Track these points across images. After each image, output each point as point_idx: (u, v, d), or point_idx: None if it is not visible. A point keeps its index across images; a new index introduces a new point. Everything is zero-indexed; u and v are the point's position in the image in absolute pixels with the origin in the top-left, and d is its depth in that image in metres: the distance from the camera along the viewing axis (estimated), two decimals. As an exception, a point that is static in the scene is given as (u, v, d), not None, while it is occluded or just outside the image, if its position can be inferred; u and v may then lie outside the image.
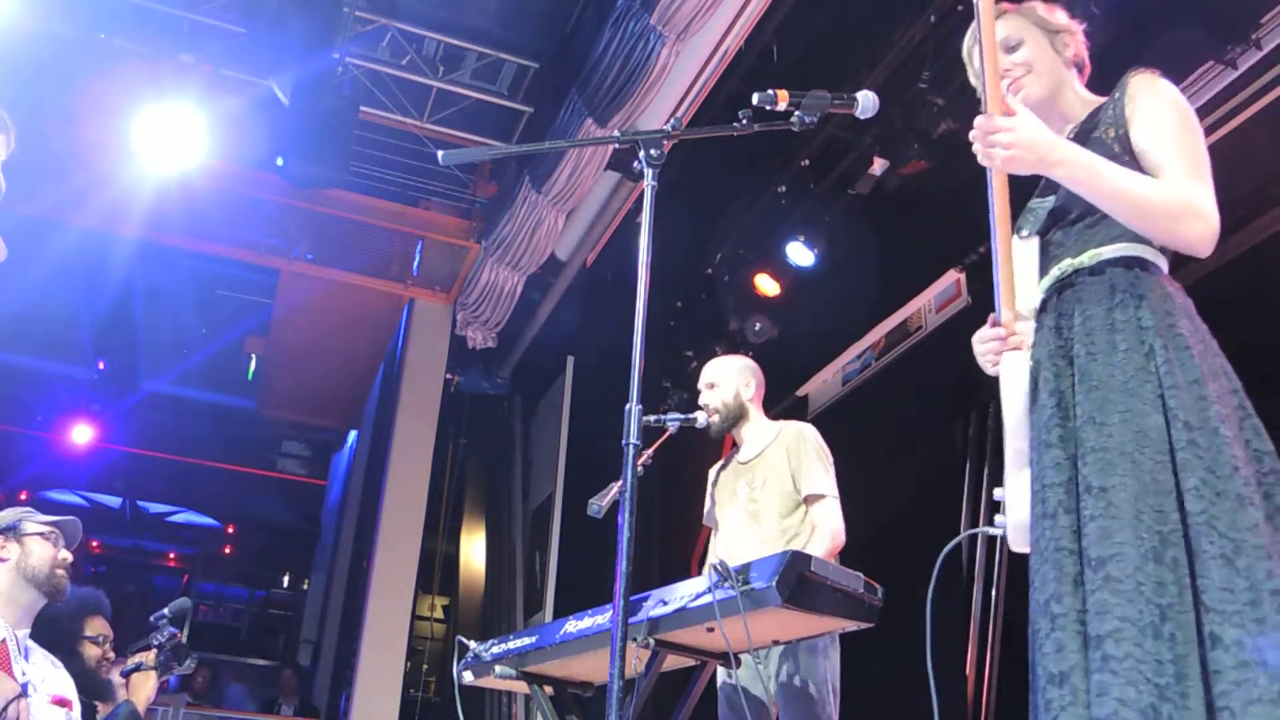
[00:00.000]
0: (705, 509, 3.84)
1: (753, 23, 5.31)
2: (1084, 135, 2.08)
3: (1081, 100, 2.19)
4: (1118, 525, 1.74)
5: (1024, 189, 2.23)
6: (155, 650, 3.36)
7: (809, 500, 3.44)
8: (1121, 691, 1.63)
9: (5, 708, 2.39)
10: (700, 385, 3.71)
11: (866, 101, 2.37)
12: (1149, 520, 1.73)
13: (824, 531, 3.38)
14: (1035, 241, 2.08)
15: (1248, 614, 1.63)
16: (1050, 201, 2.10)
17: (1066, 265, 2.03)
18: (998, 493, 2.07)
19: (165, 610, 3.45)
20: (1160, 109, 2.01)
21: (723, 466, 3.80)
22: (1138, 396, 1.83)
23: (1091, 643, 1.71)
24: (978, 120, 1.96)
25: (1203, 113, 4.84)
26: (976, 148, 1.96)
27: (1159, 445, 1.79)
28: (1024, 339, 2.05)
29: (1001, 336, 2.05)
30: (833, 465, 3.52)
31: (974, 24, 2.18)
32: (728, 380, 3.66)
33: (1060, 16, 2.22)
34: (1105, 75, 2.28)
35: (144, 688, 3.29)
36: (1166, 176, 1.95)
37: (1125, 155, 2.00)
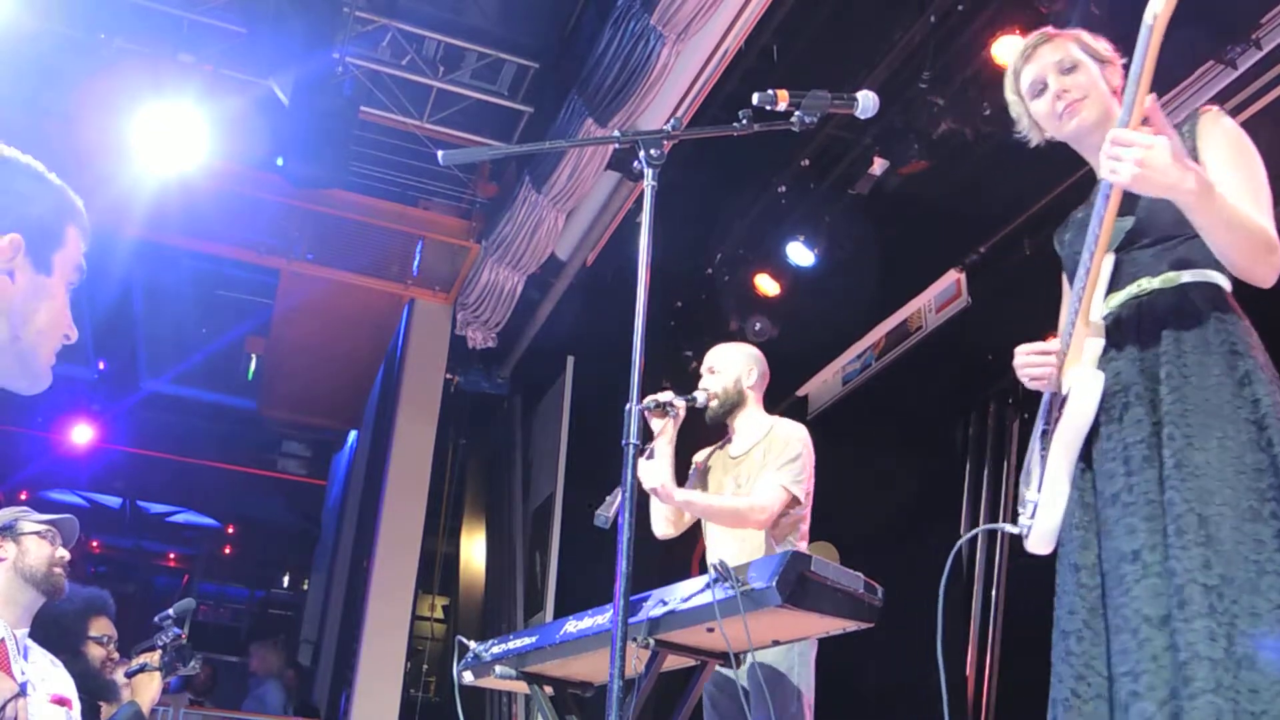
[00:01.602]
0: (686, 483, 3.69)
1: (753, 23, 5.30)
2: None
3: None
4: (1217, 556, 1.76)
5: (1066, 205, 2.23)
6: (160, 651, 3.35)
7: (762, 485, 3.33)
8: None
9: (4, 707, 2.39)
10: (702, 369, 3.66)
11: (866, 101, 2.37)
12: (1246, 550, 1.76)
13: (748, 499, 3.30)
14: (1111, 258, 2.08)
15: None
16: (1129, 221, 2.09)
17: (1145, 284, 2.04)
18: (1029, 495, 2.07)
19: (169, 611, 3.45)
20: (1231, 147, 2.04)
21: (711, 454, 3.69)
22: (1233, 422, 1.85)
23: (1197, 661, 1.73)
24: (1114, 131, 1.90)
25: (1203, 113, 4.83)
26: (1104, 159, 1.90)
27: (1256, 472, 1.81)
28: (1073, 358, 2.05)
29: (1054, 364, 2.07)
30: (809, 469, 3.41)
31: (1022, 48, 2.26)
32: (730, 366, 3.60)
33: (1104, 46, 2.25)
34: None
35: (148, 689, 3.30)
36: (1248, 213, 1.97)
37: None
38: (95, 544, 12.80)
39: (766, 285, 6.88)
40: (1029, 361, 2.12)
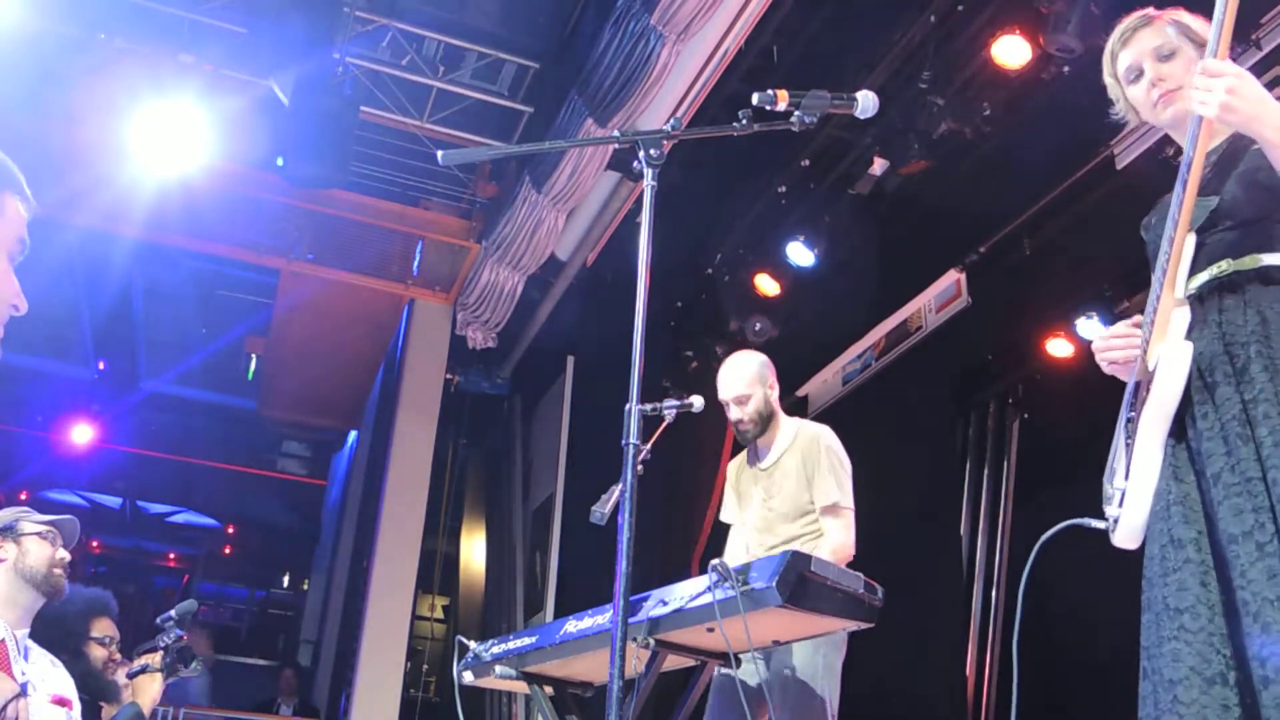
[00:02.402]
0: (723, 507, 3.77)
1: (753, 23, 5.30)
2: (1239, 145, 2.07)
3: None
4: None
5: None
6: (161, 653, 3.35)
7: (824, 511, 3.41)
8: None
9: (4, 707, 2.39)
10: (725, 398, 3.57)
11: (866, 101, 2.37)
12: None
13: (825, 546, 3.34)
14: (1193, 237, 2.05)
15: None
16: (1213, 201, 2.07)
17: (1226, 266, 2.02)
18: (1117, 483, 2.05)
19: (171, 612, 3.44)
20: None
21: (745, 465, 3.70)
22: None
23: None
24: (1204, 61, 1.92)
25: (1203, 113, 4.83)
26: (1193, 91, 1.92)
27: None
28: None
29: (1137, 344, 2.04)
30: (849, 470, 3.48)
31: (1120, 30, 2.20)
32: (756, 389, 3.54)
33: (1205, 28, 2.17)
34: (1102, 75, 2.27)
35: (149, 690, 3.29)
36: None
37: None
38: (95, 544, 12.79)
39: (766, 285, 6.88)
40: (1110, 345, 2.09)
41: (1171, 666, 1.85)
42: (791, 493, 3.46)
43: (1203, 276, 2.04)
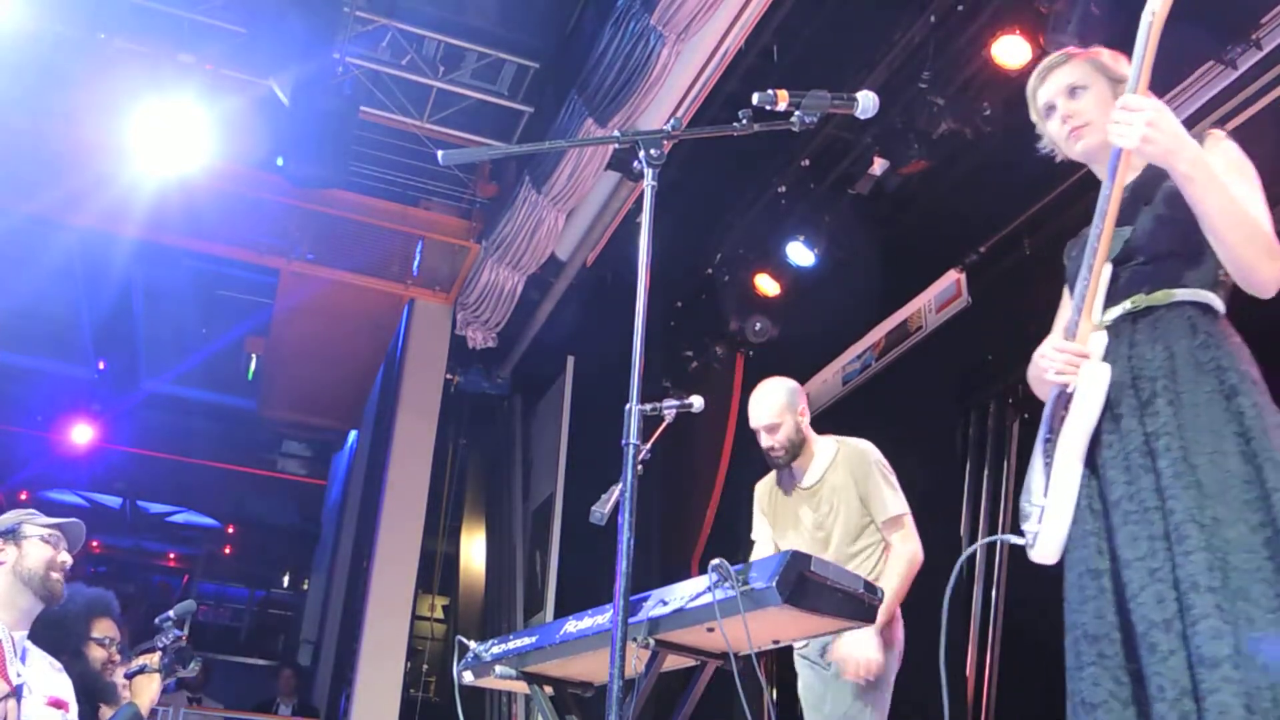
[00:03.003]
0: (757, 526, 3.77)
1: (753, 23, 5.30)
2: (1154, 179, 2.12)
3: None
4: (1216, 561, 1.82)
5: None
6: (159, 653, 3.35)
7: (887, 525, 3.44)
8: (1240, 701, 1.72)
9: None
10: (757, 427, 3.60)
11: (866, 101, 2.37)
12: (1237, 560, 1.82)
13: (901, 555, 3.40)
14: (1109, 268, 2.10)
15: None
16: (1126, 232, 2.12)
17: (1140, 300, 2.08)
18: (1035, 500, 2.08)
19: (170, 613, 3.44)
20: (1232, 165, 2.09)
21: (777, 487, 3.71)
22: (1222, 437, 1.91)
23: (1206, 662, 1.77)
24: (1124, 98, 2.00)
25: (1203, 113, 4.84)
26: (1113, 125, 1.99)
27: (1245, 484, 1.87)
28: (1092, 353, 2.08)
29: (1084, 354, 2.06)
30: (893, 474, 3.52)
31: (1039, 69, 2.29)
32: (786, 417, 3.56)
33: (1124, 65, 2.24)
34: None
35: (147, 690, 3.29)
36: None
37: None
38: (95, 544, 12.79)
39: (766, 285, 6.88)
40: (1064, 358, 2.09)
41: (1091, 690, 1.93)
42: (845, 508, 3.48)
43: (1116, 310, 2.10)
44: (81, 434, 11.29)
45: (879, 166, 5.84)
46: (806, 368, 7.44)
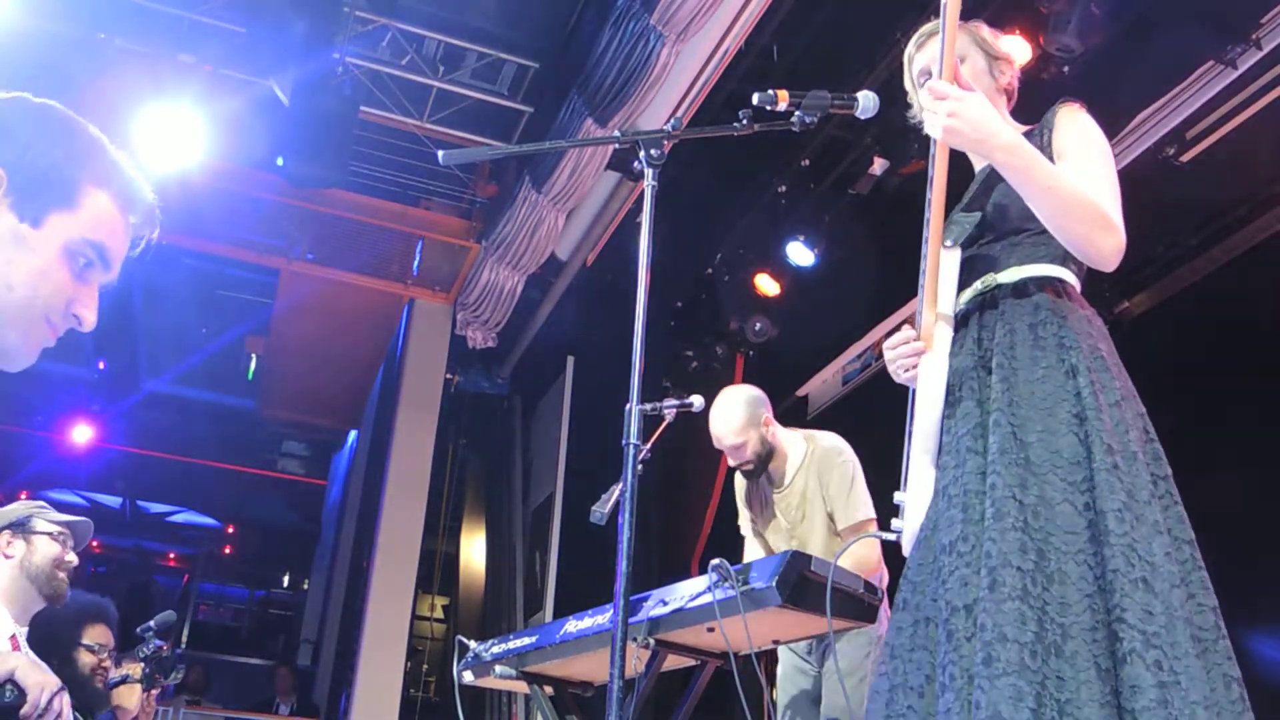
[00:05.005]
0: (742, 520, 3.75)
1: (753, 23, 5.30)
2: None
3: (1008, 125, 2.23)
4: (1033, 542, 1.77)
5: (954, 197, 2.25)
6: (141, 663, 3.35)
7: (848, 532, 3.37)
8: (1009, 706, 1.65)
9: (51, 700, 2.37)
10: (722, 447, 3.53)
11: (866, 101, 2.37)
12: (1058, 541, 1.78)
13: (851, 554, 3.30)
14: (957, 253, 2.11)
15: (1164, 637, 1.67)
16: (976, 216, 2.14)
17: (990, 280, 2.07)
18: (898, 496, 2.10)
19: (151, 623, 3.44)
20: (1083, 136, 2.08)
21: (753, 483, 3.67)
22: (1054, 416, 1.88)
23: (1006, 640, 1.72)
24: (930, 83, 1.99)
25: (1203, 113, 4.84)
26: (926, 113, 1.99)
27: (1072, 465, 1.83)
28: (936, 342, 2.07)
29: (919, 350, 2.07)
30: (861, 475, 3.45)
31: (917, 35, 2.26)
32: (749, 434, 3.48)
33: (1002, 44, 2.28)
34: (1104, 75, 2.28)
35: (129, 700, 3.29)
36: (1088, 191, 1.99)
37: None
38: (95, 544, 12.69)
39: (766, 285, 6.88)
40: (902, 353, 2.10)
41: (916, 674, 1.88)
42: (815, 513, 3.45)
43: (969, 293, 2.10)
44: (81, 434, 11.28)
45: (879, 166, 5.84)
46: (806, 368, 7.44)
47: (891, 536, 2.09)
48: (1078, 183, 1.97)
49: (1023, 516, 1.79)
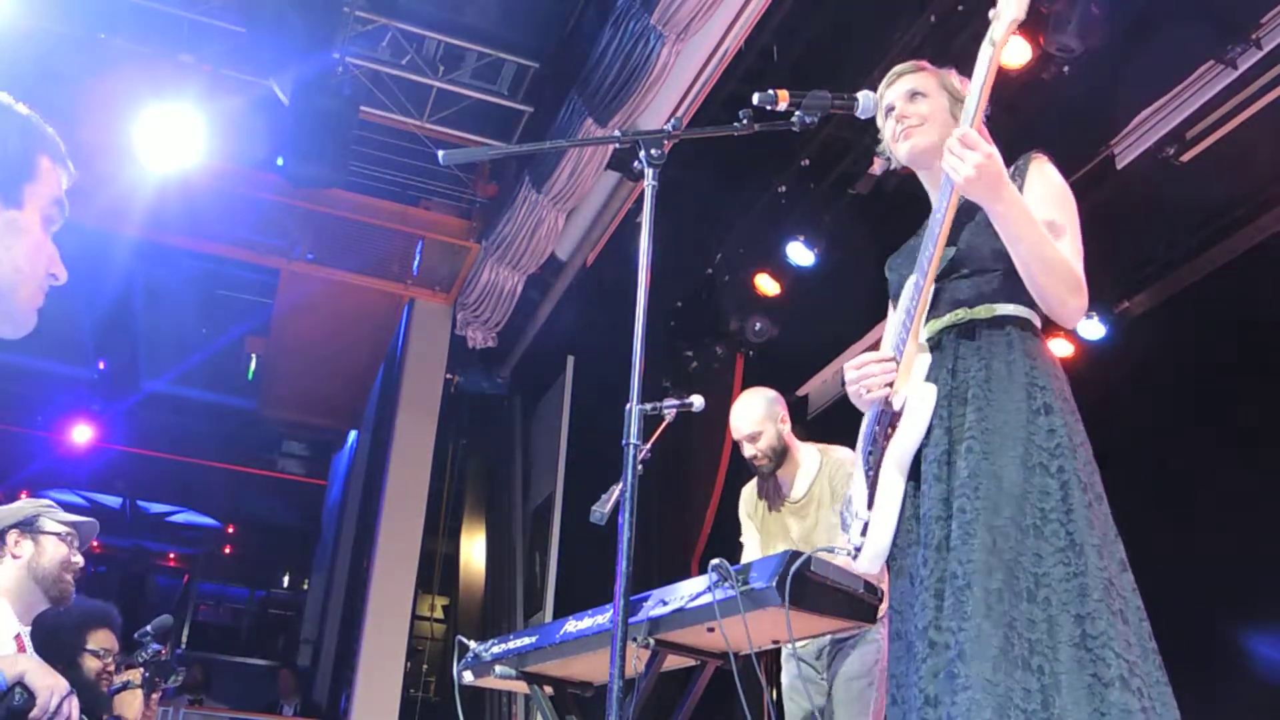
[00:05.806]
0: (745, 535, 3.77)
1: (753, 23, 5.30)
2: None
3: None
4: (999, 564, 1.85)
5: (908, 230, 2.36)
6: (140, 668, 3.35)
7: None
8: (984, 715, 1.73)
9: (60, 704, 2.37)
10: (738, 438, 3.65)
11: (866, 101, 2.37)
12: (1026, 563, 1.87)
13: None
14: (932, 285, 2.19)
15: (1141, 666, 1.80)
16: (950, 251, 2.19)
17: (962, 314, 2.14)
18: (851, 516, 2.17)
19: (148, 628, 3.43)
20: (1053, 194, 2.17)
21: (764, 498, 3.72)
22: (1027, 446, 1.96)
23: (965, 657, 1.81)
24: (963, 131, 2.03)
25: (1203, 113, 4.84)
26: (948, 155, 2.03)
27: (1043, 494, 1.92)
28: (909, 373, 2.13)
29: (892, 373, 2.13)
30: None
31: (888, 75, 2.34)
32: (766, 425, 3.61)
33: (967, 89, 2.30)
34: (1103, 75, 2.29)
35: (131, 706, 3.29)
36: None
37: None
38: (95, 544, 12.68)
39: (766, 285, 6.88)
40: (870, 372, 2.16)
41: (918, 699, 1.94)
42: (828, 524, 3.48)
43: (940, 323, 2.17)
44: (81, 434, 11.28)
45: (879, 166, 5.83)
46: (806, 368, 7.44)
47: (843, 552, 2.17)
48: (1061, 248, 2.08)
49: (991, 538, 1.87)
